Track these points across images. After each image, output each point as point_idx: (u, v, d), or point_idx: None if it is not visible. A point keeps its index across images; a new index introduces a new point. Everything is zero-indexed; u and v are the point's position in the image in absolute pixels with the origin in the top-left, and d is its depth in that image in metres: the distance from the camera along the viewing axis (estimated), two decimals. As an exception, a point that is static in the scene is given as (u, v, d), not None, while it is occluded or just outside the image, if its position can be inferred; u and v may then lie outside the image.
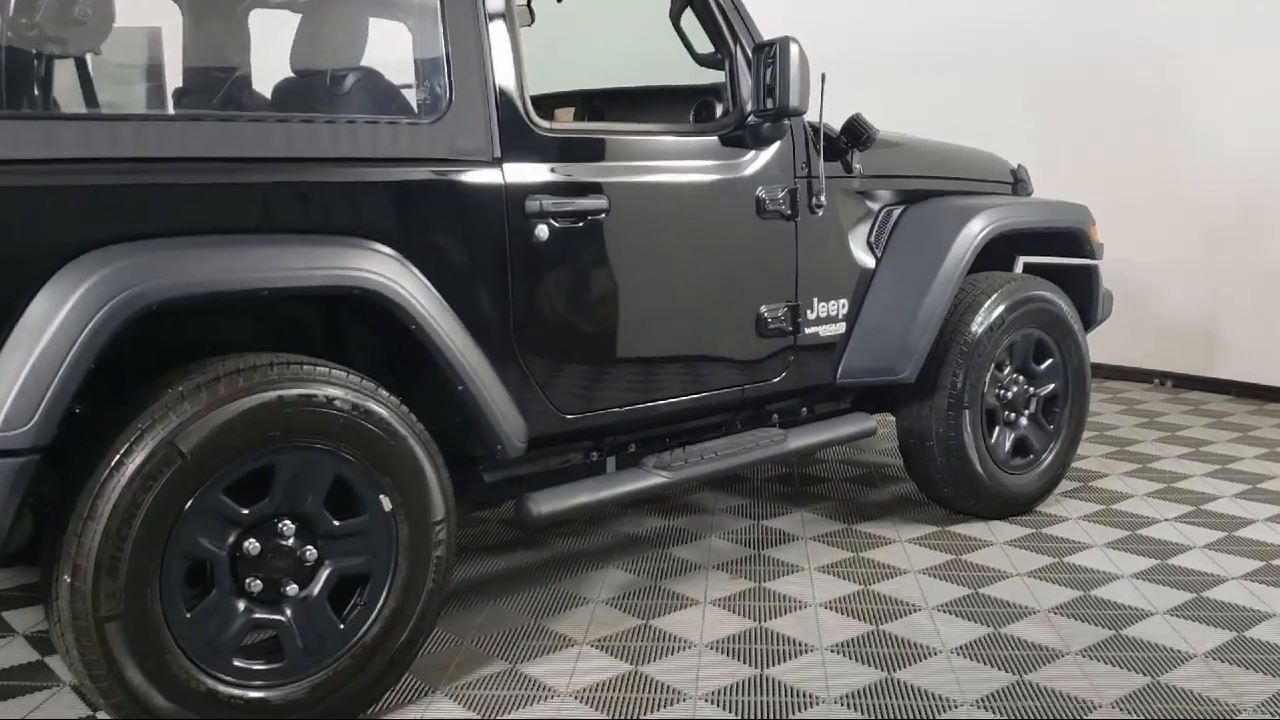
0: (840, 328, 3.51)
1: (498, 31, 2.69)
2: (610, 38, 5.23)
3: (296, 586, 2.39)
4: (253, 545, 2.33)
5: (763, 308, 3.27)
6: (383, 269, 2.45)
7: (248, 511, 2.32)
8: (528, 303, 2.75)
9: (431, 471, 2.53)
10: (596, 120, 3.92)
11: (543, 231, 2.75)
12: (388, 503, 2.49)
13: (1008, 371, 3.84)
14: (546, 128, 2.80)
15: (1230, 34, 5.65)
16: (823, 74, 3.20)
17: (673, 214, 3.05)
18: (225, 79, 3.07)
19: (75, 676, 2.25)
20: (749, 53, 3.14)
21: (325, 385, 2.37)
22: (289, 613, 2.37)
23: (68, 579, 2.12)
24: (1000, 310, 3.69)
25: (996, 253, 3.81)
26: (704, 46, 3.42)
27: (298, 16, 3.07)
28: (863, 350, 3.55)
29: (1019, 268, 4.09)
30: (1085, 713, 2.53)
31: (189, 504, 2.21)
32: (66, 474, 2.19)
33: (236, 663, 2.32)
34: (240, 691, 2.31)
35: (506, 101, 2.70)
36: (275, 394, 2.30)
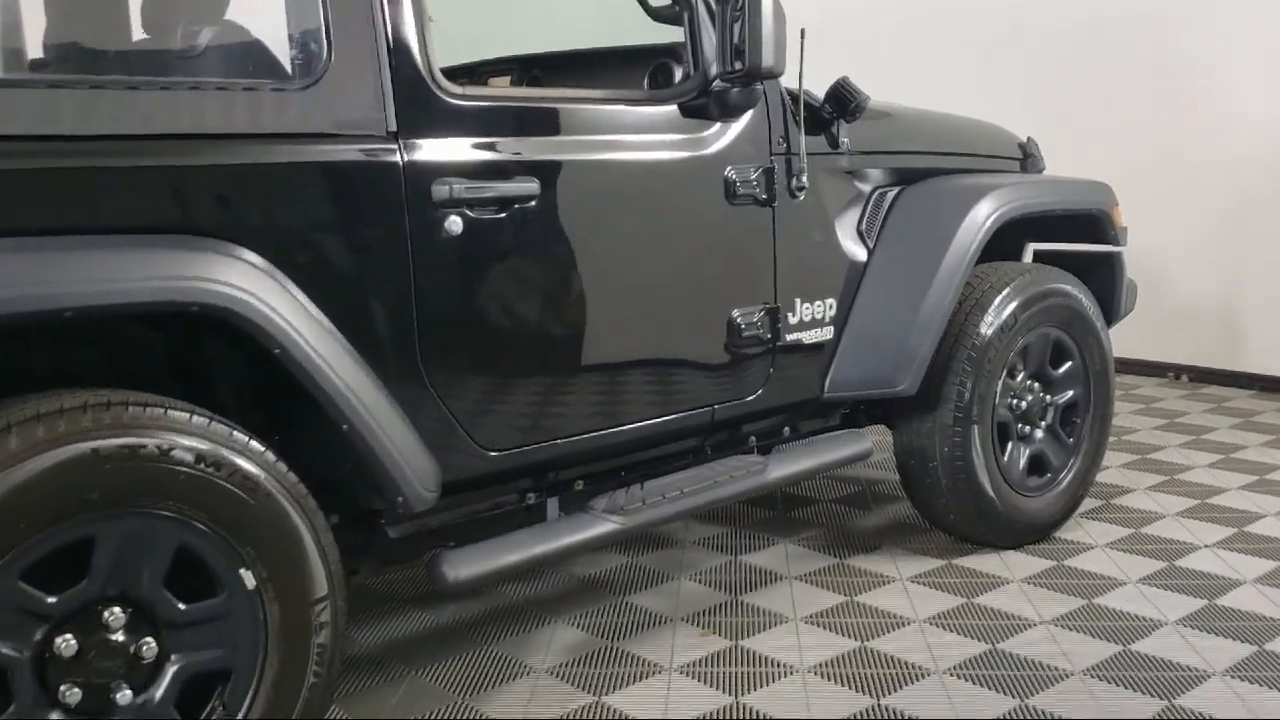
0: (827, 333, 2.96)
1: (391, -30, 2.13)
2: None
3: (131, 692, 1.84)
4: (67, 642, 1.78)
5: (734, 312, 2.72)
6: (235, 277, 1.89)
7: (56, 600, 1.77)
8: (437, 315, 2.20)
9: (310, 536, 1.98)
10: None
11: (454, 224, 2.19)
12: (251, 578, 1.93)
13: (1021, 378, 3.31)
14: (459, 94, 2.24)
15: (1250, -7, 5.13)
16: (801, 29, 2.65)
17: (621, 200, 2.49)
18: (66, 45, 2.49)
19: None
20: (712, 4, 2.58)
21: (160, 432, 1.81)
22: (120, 727, 1.83)
23: None
24: (1013, 307, 3.15)
25: (1004, 240, 3.26)
26: (659, -2, 2.87)
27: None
28: (854, 359, 3.00)
29: (1028, 257, 3.56)
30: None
31: (-32, 597, 1.66)
32: None
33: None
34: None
35: (405, 60, 2.14)
36: (88, 446, 1.74)
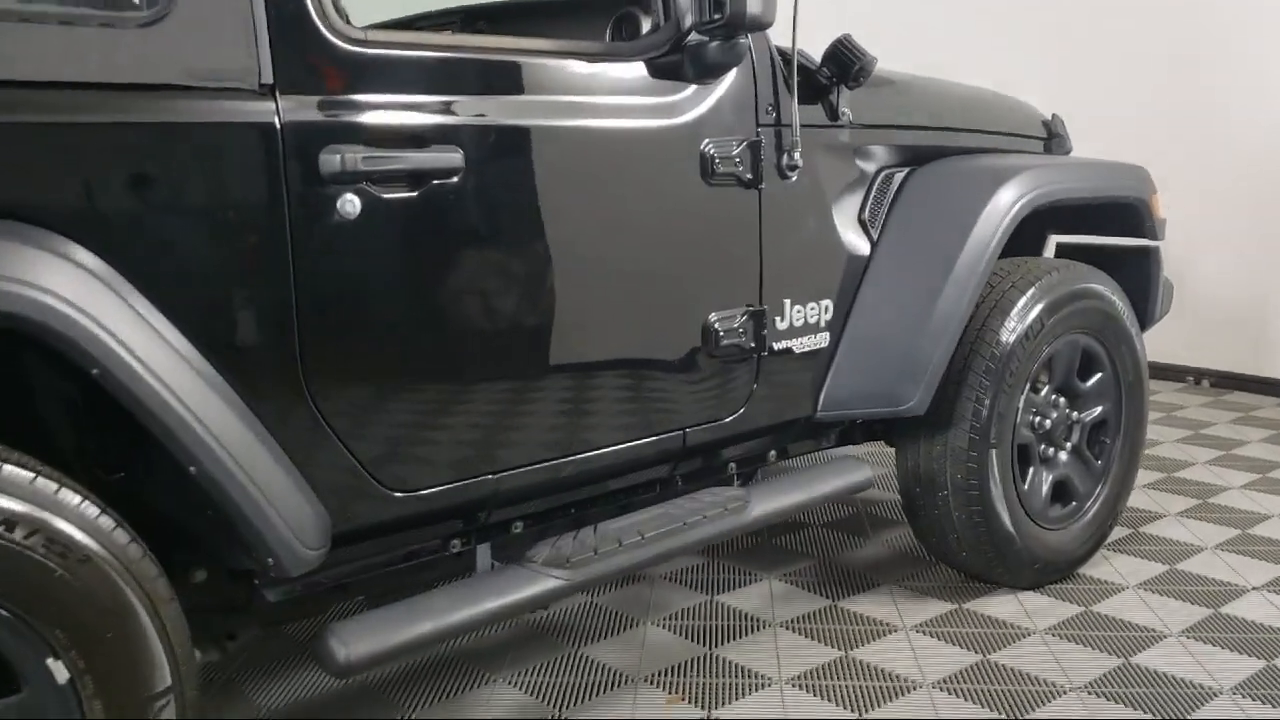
0: (822, 340, 2.49)
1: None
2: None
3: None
4: None
5: (712, 316, 2.25)
6: (41, 275, 1.41)
7: None
8: (328, 322, 1.73)
9: (147, 613, 1.50)
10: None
11: (350, 204, 1.71)
12: (62, 671, 1.46)
13: (1045, 392, 2.85)
14: (359, 39, 1.76)
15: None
16: (796, -27, 2.18)
17: (570, 178, 2.02)
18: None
19: None
20: (688, -62, 2.10)
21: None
22: None
23: None
24: (1039, 310, 2.69)
25: (1021, 231, 2.79)
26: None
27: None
28: (853, 371, 2.54)
29: (1050, 251, 3.10)
30: None
31: None
32: None
33: None
34: None
35: (285, -8, 1.66)
36: None
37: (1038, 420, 2.83)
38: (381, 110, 1.76)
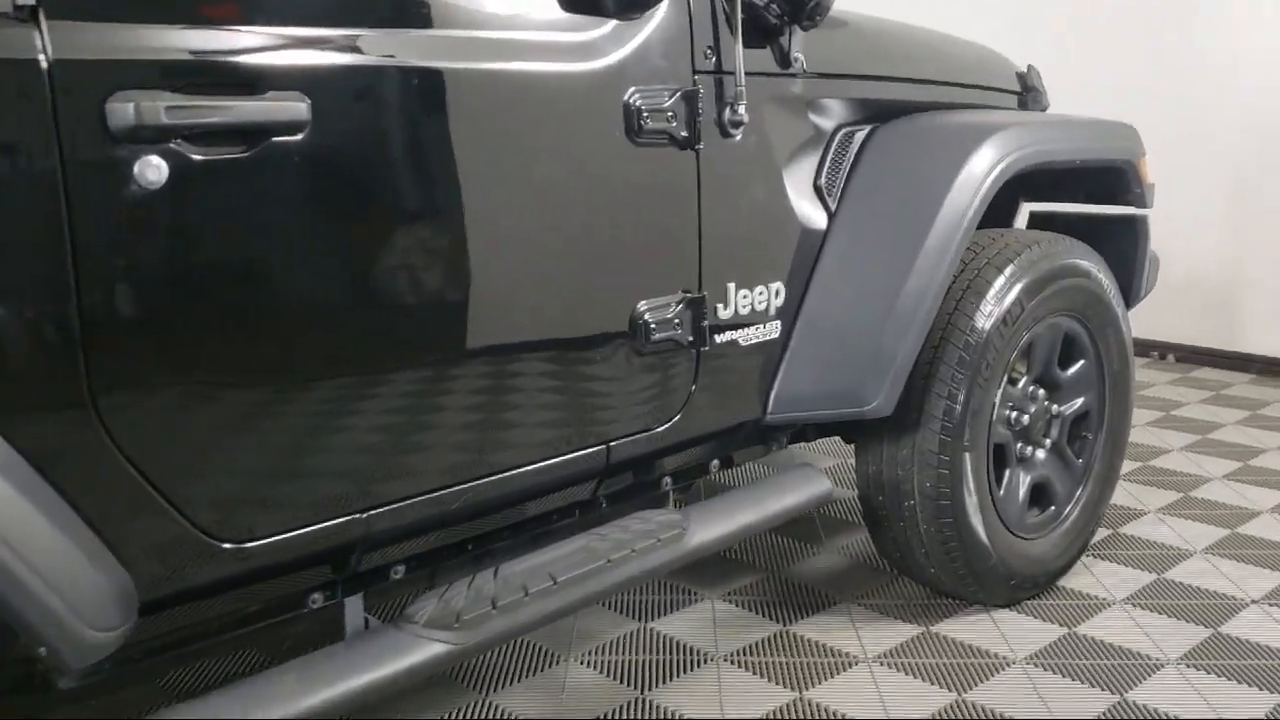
0: (772, 330, 2.11)
1: None
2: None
3: None
4: None
5: (640, 305, 1.86)
6: None
7: None
8: (124, 324, 1.30)
9: None
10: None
11: (152, 169, 1.29)
12: None
13: (1023, 384, 2.50)
14: (162, -52, 1.32)
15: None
16: (740, -117, 1.77)
17: (455, 136, 1.59)
18: None
19: None
20: None
21: None
22: None
23: None
24: (1018, 291, 2.33)
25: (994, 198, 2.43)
26: None
27: None
28: (809, 366, 2.16)
29: (1022, 220, 2.74)
30: None
31: None
32: None
33: None
34: None
35: (51, -126, 1.22)
36: None
37: (1015, 416, 2.48)
38: (195, 44, 1.33)
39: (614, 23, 1.76)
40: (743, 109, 1.93)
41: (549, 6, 1.69)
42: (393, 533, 1.60)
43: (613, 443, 1.85)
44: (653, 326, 1.87)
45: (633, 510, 2.02)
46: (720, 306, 1.99)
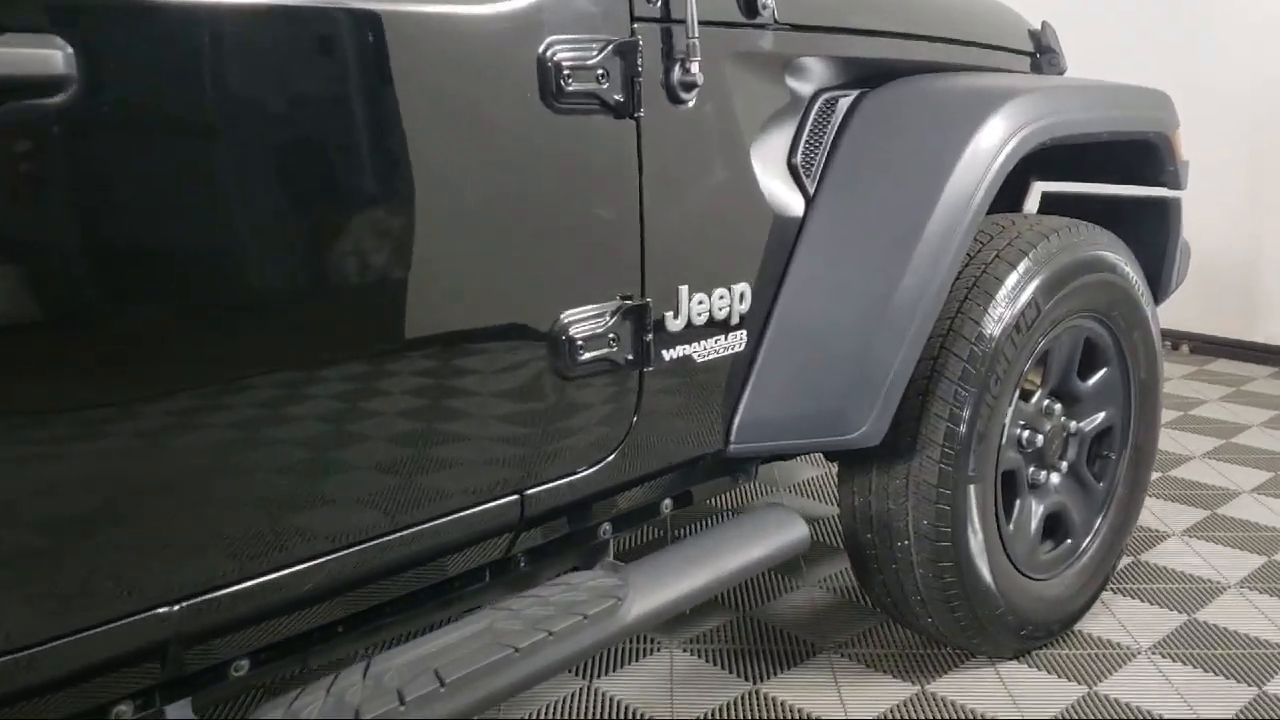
0: (735, 342, 1.72)
1: None
2: None
3: None
4: None
5: (565, 316, 1.47)
6: None
7: None
8: None
9: None
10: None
11: None
12: None
13: (1037, 399, 2.11)
14: None
15: None
16: None
17: (294, 99, 1.19)
18: None
19: None
20: None
21: None
22: None
23: None
24: (1034, 290, 1.94)
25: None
26: None
27: None
28: (781, 385, 1.77)
29: (1033, 203, 2.36)
30: None
31: None
32: None
33: None
34: None
35: None
36: None
37: (1027, 436, 2.09)
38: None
39: (524, -48, 1.35)
40: (696, 68, 1.53)
41: (434, -72, 1.29)
42: (220, 627, 1.21)
43: (529, 491, 1.46)
44: (580, 343, 1.47)
45: (564, 562, 1.63)
46: (669, 315, 1.60)
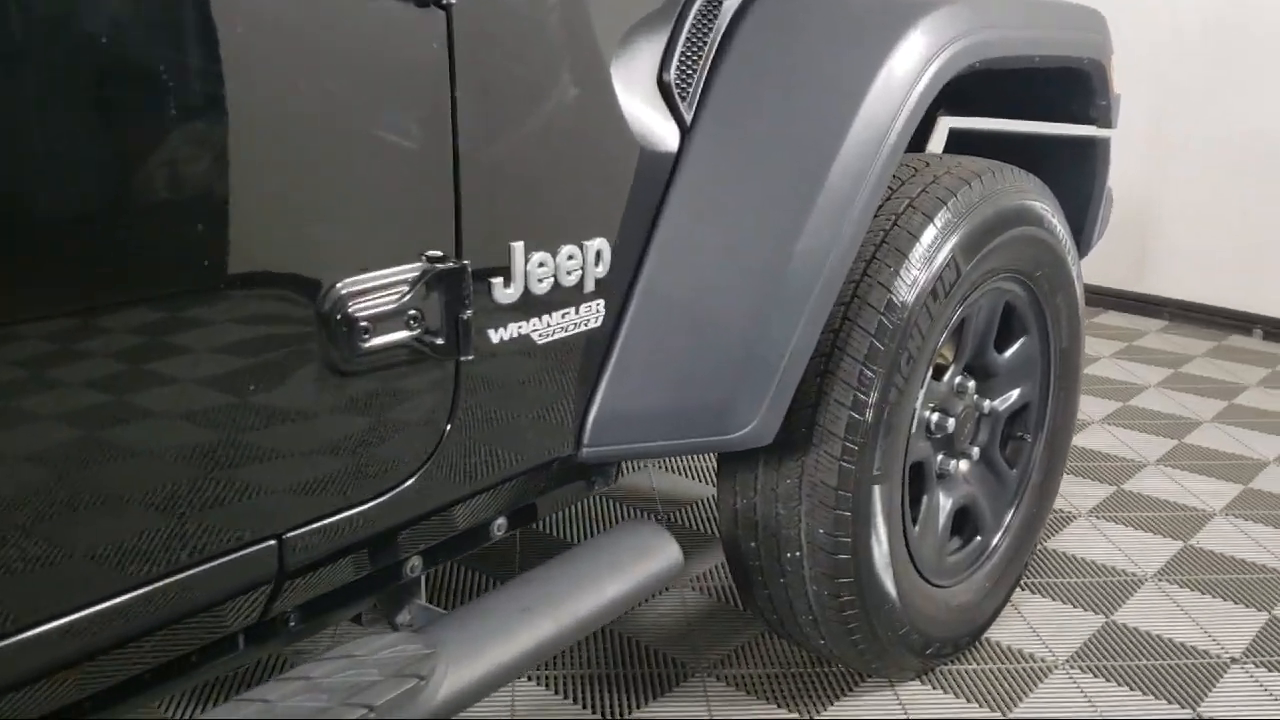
0: (590, 316, 1.32)
1: None
2: None
3: None
4: None
5: (342, 285, 1.03)
6: None
7: None
8: None
9: None
10: None
11: None
12: None
13: (949, 375, 1.78)
14: None
15: None
16: None
17: None
18: None
19: None
20: None
21: None
22: None
23: None
24: (953, 247, 1.59)
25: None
26: None
27: None
28: (647, 370, 1.38)
29: (939, 142, 2.01)
30: None
31: None
32: None
33: None
34: None
35: None
36: None
37: (937, 420, 1.76)
38: None
39: None
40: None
41: None
42: None
43: (289, 534, 1.04)
44: (364, 324, 1.05)
45: (352, 610, 1.22)
46: (498, 283, 1.18)
